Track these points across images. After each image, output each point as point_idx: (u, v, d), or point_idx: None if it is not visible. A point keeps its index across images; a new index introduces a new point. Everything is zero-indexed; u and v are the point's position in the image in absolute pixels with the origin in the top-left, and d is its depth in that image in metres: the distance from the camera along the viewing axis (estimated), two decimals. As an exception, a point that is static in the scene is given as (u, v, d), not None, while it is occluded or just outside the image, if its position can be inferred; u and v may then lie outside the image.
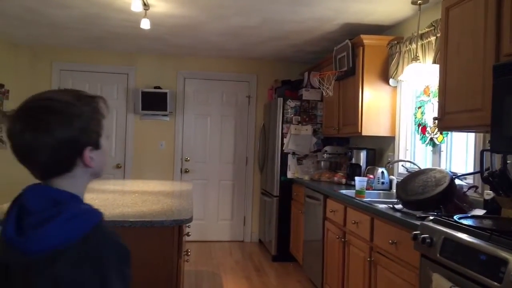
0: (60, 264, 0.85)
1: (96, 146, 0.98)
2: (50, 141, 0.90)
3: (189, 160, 5.58)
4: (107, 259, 0.88)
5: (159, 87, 5.38)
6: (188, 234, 2.94)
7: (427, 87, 3.30)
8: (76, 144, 0.94)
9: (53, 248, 0.85)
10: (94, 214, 0.94)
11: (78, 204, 0.94)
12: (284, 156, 4.75)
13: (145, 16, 3.61)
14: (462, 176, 2.63)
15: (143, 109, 5.30)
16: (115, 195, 2.84)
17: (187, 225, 2.50)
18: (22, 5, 3.64)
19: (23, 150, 0.92)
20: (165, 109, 5.33)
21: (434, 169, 2.54)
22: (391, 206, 2.60)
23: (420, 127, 3.38)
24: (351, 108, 3.89)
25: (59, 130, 0.90)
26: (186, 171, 5.57)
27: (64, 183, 0.96)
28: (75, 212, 0.91)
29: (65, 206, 0.91)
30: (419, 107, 3.42)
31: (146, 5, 3.46)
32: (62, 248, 0.85)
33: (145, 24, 3.64)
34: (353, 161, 4.03)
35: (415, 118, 3.49)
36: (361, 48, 3.71)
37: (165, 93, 5.32)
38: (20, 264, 0.86)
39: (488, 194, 2.26)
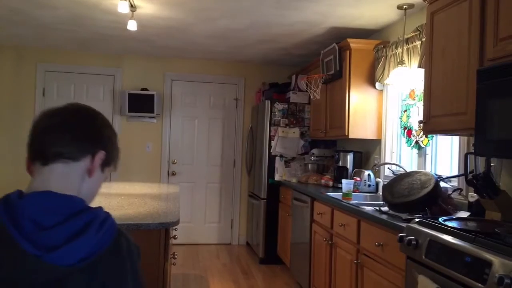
0: (99, 272, 0.85)
1: (107, 163, 1.00)
2: (92, 121, 0.98)
3: (176, 162, 5.55)
4: (134, 258, 0.92)
5: (146, 89, 5.35)
6: (175, 237, 2.92)
7: (413, 90, 3.34)
8: (103, 140, 0.98)
9: (89, 258, 0.84)
10: (112, 217, 0.94)
11: (98, 210, 0.92)
12: (271, 158, 4.76)
13: (132, 17, 3.59)
14: (447, 179, 2.66)
15: (129, 111, 5.26)
16: (101, 198, 2.81)
17: (174, 228, 2.48)
18: (7, 6, 3.59)
19: (52, 124, 0.94)
20: (152, 111, 5.29)
21: (420, 172, 2.57)
22: (377, 208, 2.62)
23: (406, 130, 3.42)
24: (338, 111, 3.92)
25: (103, 122, 1.00)
26: (173, 174, 5.54)
27: (62, 172, 0.93)
28: (101, 220, 0.90)
29: (88, 215, 0.89)
30: (405, 111, 3.46)
31: (133, 7, 3.44)
32: (96, 257, 0.85)
33: (132, 26, 3.62)
34: (340, 163, 4.06)
35: (401, 121, 3.53)
36: (348, 51, 3.74)
37: (152, 95, 5.28)
38: (52, 279, 0.82)
39: (472, 196, 2.29)
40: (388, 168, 3.60)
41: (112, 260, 0.87)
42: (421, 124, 2.56)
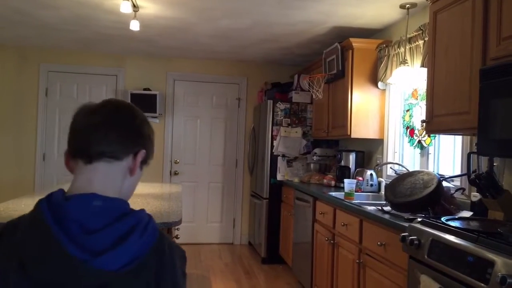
0: (144, 275, 0.85)
1: (145, 161, 1.01)
2: (132, 119, 0.98)
3: (178, 162, 5.55)
4: (177, 265, 0.92)
5: (148, 89, 5.35)
6: (177, 237, 2.93)
7: (415, 90, 3.33)
8: (144, 139, 0.99)
9: (133, 263, 0.84)
10: (153, 220, 0.94)
11: (141, 213, 0.92)
12: (274, 158, 4.76)
13: (135, 17, 3.59)
14: (450, 178, 2.66)
15: (132, 111, 5.25)
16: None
17: (176, 227, 2.49)
18: (10, 6, 3.60)
19: (95, 123, 0.93)
20: (155, 111, 5.30)
21: (422, 172, 2.57)
22: (379, 208, 2.61)
23: (408, 130, 3.41)
24: (340, 111, 3.91)
25: (143, 120, 1.00)
26: (176, 173, 5.54)
27: (106, 170, 0.93)
28: (145, 223, 0.90)
29: (133, 218, 0.89)
30: (407, 110, 3.45)
31: (135, 7, 3.45)
32: (141, 261, 0.85)
33: (135, 26, 3.62)
34: (342, 163, 4.05)
35: (404, 121, 3.52)
36: (351, 51, 3.74)
37: (155, 95, 5.29)
38: (97, 283, 0.82)
39: (475, 196, 2.29)
40: (391, 167, 3.59)
41: (154, 263, 0.87)
42: (424, 124, 2.55)
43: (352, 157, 4.02)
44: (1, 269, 0.83)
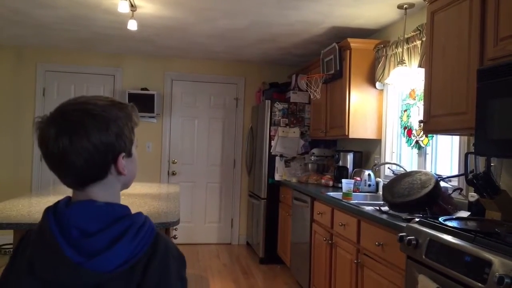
0: (135, 277, 0.87)
1: (129, 153, 0.97)
2: (86, 145, 0.88)
3: (176, 162, 5.55)
4: (172, 267, 0.92)
5: (146, 89, 5.35)
6: (175, 237, 2.92)
7: (413, 90, 3.34)
8: (112, 149, 0.92)
9: (127, 264, 0.86)
10: (150, 222, 0.95)
11: (136, 216, 0.93)
12: (271, 158, 4.76)
13: (132, 17, 3.58)
14: (447, 179, 2.66)
15: (130, 111, 5.25)
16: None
17: (174, 227, 2.48)
18: (7, 5, 3.59)
19: (58, 156, 0.89)
20: (152, 111, 5.29)
21: (420, 172, 2.57)
22: (377, 208, 2.62)
23: (406, 130, 3.42)
24: (338, 111, 3.92)
25: (96, 134, 0.89)
26: (173, 174, 5.54)
27: (99, 191, 0.93)
28: (138, 225, 0.91)
29: (127, 220, 0.90)
30: (405, 110, 3.46)
31: (133, 6, 3.44)
32: (134, 262, 0.87)
33: (132, 25, 3.62)
34: (340, 163, 4.05)
35: (401, 121, 3.53)
36: (348, 51, 3.74)
37: (152, 95, 5.28)
38: (92, 284, 0.85)
39: (473, 196, 2.29)
40: (388, 168, 3.60)
41: (149, 265, 0.89)
42: (421, 124, 2.56)
43: (350, 157, 4.03)
44: (16, 275, 0.90)
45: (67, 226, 0.87)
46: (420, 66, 2.97)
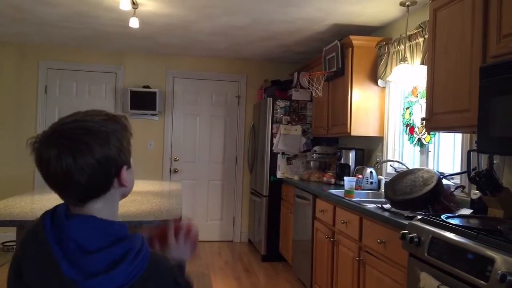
0: None
1: (129, 165, 0.98)
2: (91, 161, 0.87)
3: (178, 160, 5.55)
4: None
5: (148, 87, 5.35)
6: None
7: (415, 88, 3.33)
8: (115, 163, 0.92)
9: (123, 286, 0.86)
10: (147, 246, 0.94)
11: (135, 239, 0.92)
12: (273, 156, 4.76)
13: (134, 15, 3.58)
14: (449, 176, 2.66)
15: (131, 108, 5.26)
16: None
17: (176, 225, 2.48)
18: (9, 3, 3.59)
19: (61, 175, 0.87)
20: (154, 109, 5.29)
21: (422, 169, 2.57)
22: (379, 205, 2.61)
23: (408, 128, 3.41)
24: (340, 109, 3.91)
25: (99, 150, 0.88)
26: (175, 171, 5.54)
27: (101, 206, 0.93)
28: (136, 250, 0.90)
29: (127, 244, 0.90)
30: (407, 108, 3.45)
31: (135, 4, 3.44)
32: (131, 285, 0.87)
33: (134, 23, 3.61)
34: (342, 161, 4.05)
35: (403, 118, 3.52)
36: (350, 49, 3.73)
37: (154, 93, 5.28)
38: None
39: (475, 193, 2.29)
40: (390, 165, 3.59)
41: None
42: (424, 121, 2.55)
43: (352, 154, 4.03)
44: (9, 276, 0.91)
45: (66, 239, 0.86)
46: (422, 63, 2.96)
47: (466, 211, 2.31)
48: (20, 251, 0.91)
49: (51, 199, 2.53)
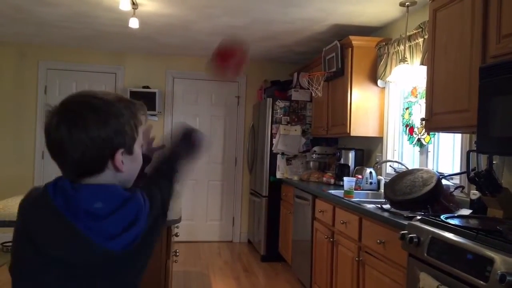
0: (143, 248, 0.97)
1: (129, 151, 0.98)
2: (84, 137, 0.90)
3: (178, 160, 5.54)
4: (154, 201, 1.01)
5: (147, 87, 5.35)
6: (176, 235, 2.93)
7: (415, 88, 3.33)
8: (109, 144, 0.93)
9: (137, 239, 0.93)
10: (144, 197, 0.98)
11: (137, 198, 0.95)
12: (273, 156, 4.76)
13: (134, 15, 3.58)
14: (449, 176, 2.66)
15: (131, 108, 5.26)
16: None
17: (176, 225, 2.49)
18: (9, 3, 3.59)
19: (57, 145, 0.91)
20: (154, 109, 5.29)
21: (422, 170, 2.57)
22: (379, 206, 2.61)
23: (408, 128, 3.41)
24: (339, 109, 3.91)
25: (94, 128, 0.91)
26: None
27: (96, 179, 0.95)
28: (143, 206, 0.95)
29: (134, 203, 0.94)
30: (407, 108, 3.45)
31: (134, 4, 3.44)
32: (142, 237, 0.94)
33: (134, 23, 3.61)
34: (342, 161, 4.05)
35: (403, 119, 3.52)
36: (350, 49, 3.73)
37: (154, 93, 5.28)
38: (104, 259, 0.90)
39: (474, 194, 2.29)
40: (390, 165, 3.59)
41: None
42: (423, 122, 2.55)
43: (351, 155, 4.03)
44: (18, 244, 0.94)
45: (75, 208, 0.89)
46: (422, 63, 2.96)
47: (466, 212, 2.31)
48: (27, 217, 0.94)
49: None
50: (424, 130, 3.09)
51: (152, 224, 0.97)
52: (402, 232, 2.03)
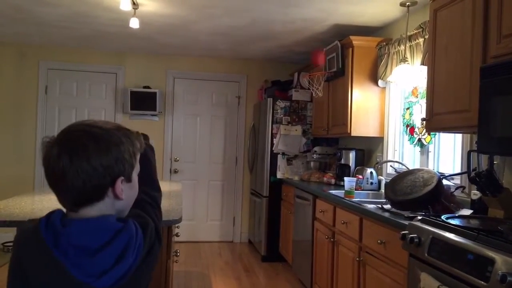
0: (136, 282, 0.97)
1: (128, 178, 0.98)
2: (85, 166, 0.90)
3: (178, 160, 5.55)
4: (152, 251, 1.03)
5: (148, 87, 5.35)
6: (177, 235, 2.93)
7: (415, 88, 3.33)
8: (111, 172, 0.93)
9: (128, 274, 0.93)
10: (137, 227, 0.98)
11: (129, 227, 0.95)
12: (273, 156, 4.76)
13: (134, 15, 3.58)
14: (450, 177, 2.66)
15: (132, 109, 5.26)
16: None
17: (177, 225, 2.49)
18: (9, 3, 3.59)
19: (57, 174, 0.91)
20: (154, 109, 5.29)
21: (422, 170, 2.56)
22: (379, 206, 2.61)
23: (408, 128, 3.41)
24: (340, 109, 3.91)
25: (96, 156, 0.91)
26: (176, 171, 5.54)
27: (92, 212, 0.95)
28: (134, 237, 0.94)
29: (126, 234, 0.93)
30: (407, 108, 3.45)
31: (135, 4, 3.44)
32: (134, 270, 0.94)
33: (134, 23, 3.61)
34: (342, 161, 4.05)
35: (404, 119, 3.52)
36: (351, 49, 3.73)
37: (154, 93, 5.28)
38: None
39: (475, 194, 2.29)
40: (391, 166, 3.59)
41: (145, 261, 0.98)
42: (424, 122, 2.55)
43: (352, 155, 4.02)
44: (11, 277, 0.94)
45: (64, 245, 0.89)
46: (422, 63, 2.96)
47: (466, 212, 2.31)
48: (20, 252, 0.93)
49: (51, 200, 2.53)
50: (424, 130, 3.09)
51: (147, 253, 0.97)
52: (403, 232, 2.02)
